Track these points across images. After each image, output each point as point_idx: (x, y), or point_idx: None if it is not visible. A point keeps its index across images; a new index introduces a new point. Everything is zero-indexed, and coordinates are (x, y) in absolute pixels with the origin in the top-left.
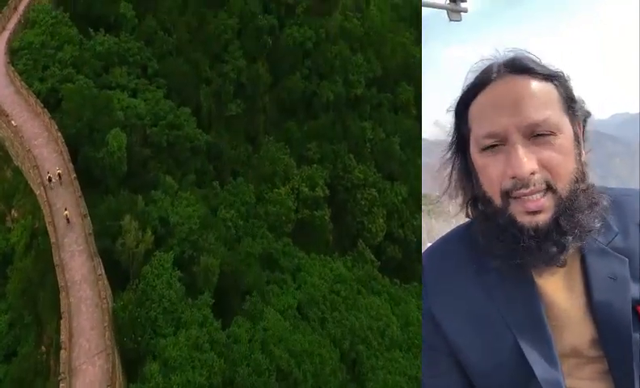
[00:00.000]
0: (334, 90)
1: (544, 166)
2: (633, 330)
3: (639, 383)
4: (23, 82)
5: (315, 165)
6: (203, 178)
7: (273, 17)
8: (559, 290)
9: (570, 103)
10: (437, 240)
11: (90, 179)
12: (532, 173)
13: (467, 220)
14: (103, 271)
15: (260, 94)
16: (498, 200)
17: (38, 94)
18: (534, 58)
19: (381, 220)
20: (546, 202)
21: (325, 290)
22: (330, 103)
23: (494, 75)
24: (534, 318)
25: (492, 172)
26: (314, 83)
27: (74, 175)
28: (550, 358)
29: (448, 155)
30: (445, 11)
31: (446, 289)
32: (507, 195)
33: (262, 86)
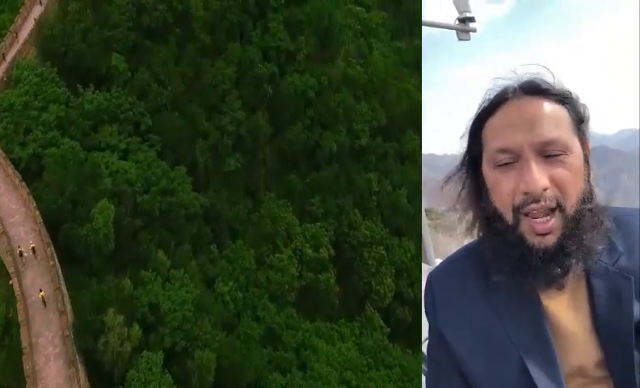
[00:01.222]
0: (337, 141)
1: (555, 183)
2: (638, 350)
3: None
4: (0, 150)
5: (319, 223)
6: (200, 241)
7: (273, 64)
8: (565, 310)
9: (579, 123)
10: (444, 259)
11: (73, 257)
12: (545, 189)
13: (473, 238)
14: (84, 379)
15: (260, 146)
16: (509, 217)
17: (19, 162)
18: (548, 80)
19: (390, 280)
20: (554, 223)
21: (334, 381)
22: (333, 154)
23: (510, 95)
24: (540, 337)
25: (504, 188)
26: (317, 133)
27: (52, 262)
28: (556, 378)
29: (460, 174)
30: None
31: (453, 307)
32: (518, 211)
33: (262, 138)
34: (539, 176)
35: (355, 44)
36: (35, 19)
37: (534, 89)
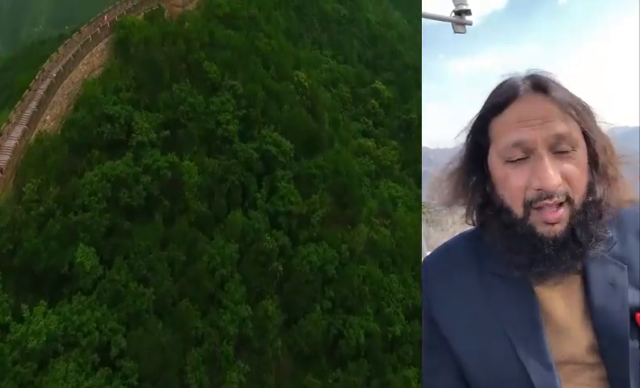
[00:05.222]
0: (365, 327)
1: (565, 178)
2: (631, 337)
3: None
4: None
5: None
6: None
7: (282, 233)
8: (557, 298)
9: (584, 119)
10: (440, 246)
11: None
12: (559, 185)
13: (468, 228)
14: None
15: (270, 342)
16: (518, 210)
17: None
18: (554, 78)
19: None
20: (563, 213)
21: None
22: (360, 346)
23: (521, 92)
24: (531, 324)
25: (515, 183)
26: (339, 319)
27: None
28: (546, 364)
29: (458, 164)
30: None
31: (447, 293)
32: (529, 205)
33: (272, 332)
34: (553, 173)
35: (377, 200)
36: None
37: (543, 86)
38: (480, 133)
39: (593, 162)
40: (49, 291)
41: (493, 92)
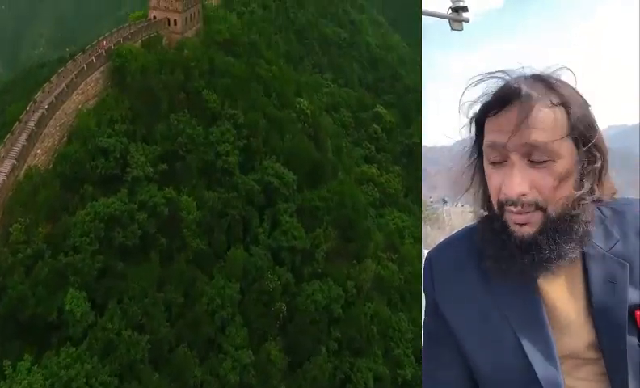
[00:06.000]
0: (373, 371)
1: (537, 189)
2: (631, 334)
3: (635, 386)
4: None
5: None
6: None
7: (285, 269)
8: (560, 293)
9: (579, 128)
10: (444, 240)
11: None
12: (523, 194)
13: (467, 225)
14: None
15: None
16: (495, 207)
17: None
18: (554, 81)
19: None
20: (532, 217)
21: None
22: None
23: (511, 94)
24: (535, 318)
25: (493, 183)
26: (346, 362)
27: None
28: (551, 358)
29: (469, 162)
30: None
31: (451, 284)
32: (502, 205)
33: (275, 377)
34: (519, 181)
35: (383, 233)
36: None
37: (537, 89)
38: (479, 128)
39: (591, 169)
40: (36, 341)
41: (493, 88)
